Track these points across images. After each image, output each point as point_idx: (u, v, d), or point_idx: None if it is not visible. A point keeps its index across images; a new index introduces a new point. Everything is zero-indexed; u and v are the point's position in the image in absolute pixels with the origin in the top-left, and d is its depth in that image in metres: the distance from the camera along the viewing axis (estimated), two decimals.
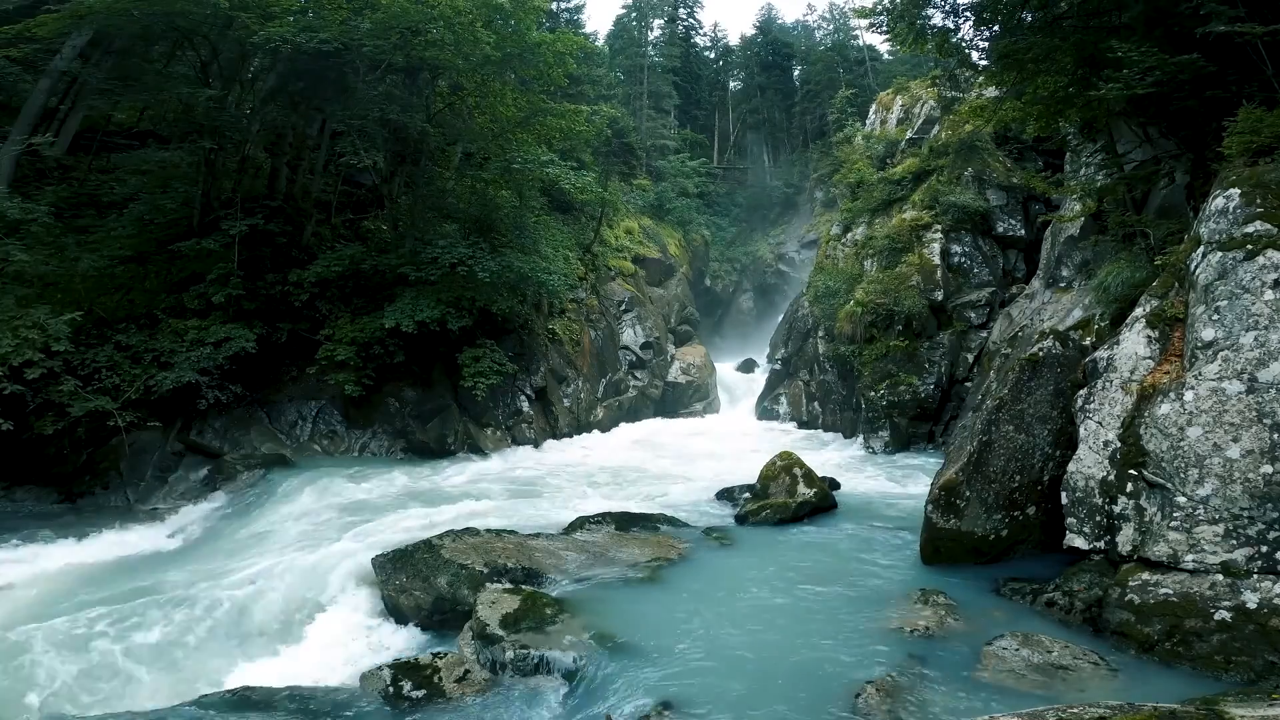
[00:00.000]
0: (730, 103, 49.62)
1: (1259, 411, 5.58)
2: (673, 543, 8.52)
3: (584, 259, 21.67)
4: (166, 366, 12.26)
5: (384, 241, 15.94)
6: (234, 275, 13.44)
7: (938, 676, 5.21)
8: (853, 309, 17.44)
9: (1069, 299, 13.13)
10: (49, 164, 14.23)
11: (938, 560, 7.45)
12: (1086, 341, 8.19)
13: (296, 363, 14.34)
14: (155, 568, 8.85)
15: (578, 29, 35.97)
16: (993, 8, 10.52)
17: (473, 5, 14.28)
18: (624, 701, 5.05)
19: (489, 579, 7.08)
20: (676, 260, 29.92)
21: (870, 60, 42.04)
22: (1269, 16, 7.07)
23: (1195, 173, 9.10)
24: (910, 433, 16.01)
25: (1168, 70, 7.64)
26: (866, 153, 23.13)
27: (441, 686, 5.56)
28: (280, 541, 9.28)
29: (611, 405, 21.05)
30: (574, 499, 11.35)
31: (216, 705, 5.46)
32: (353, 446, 14.34)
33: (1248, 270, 5.91)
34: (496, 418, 16.15)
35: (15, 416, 10.51)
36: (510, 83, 16.76)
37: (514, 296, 16.11)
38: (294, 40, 12.95)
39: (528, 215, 17.58)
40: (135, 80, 13.73)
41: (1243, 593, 5.31)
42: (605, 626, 6.10)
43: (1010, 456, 7.42)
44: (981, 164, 18.09)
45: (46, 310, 10.96)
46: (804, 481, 10.19)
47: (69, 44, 12.89)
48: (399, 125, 15.55)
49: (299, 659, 6.64)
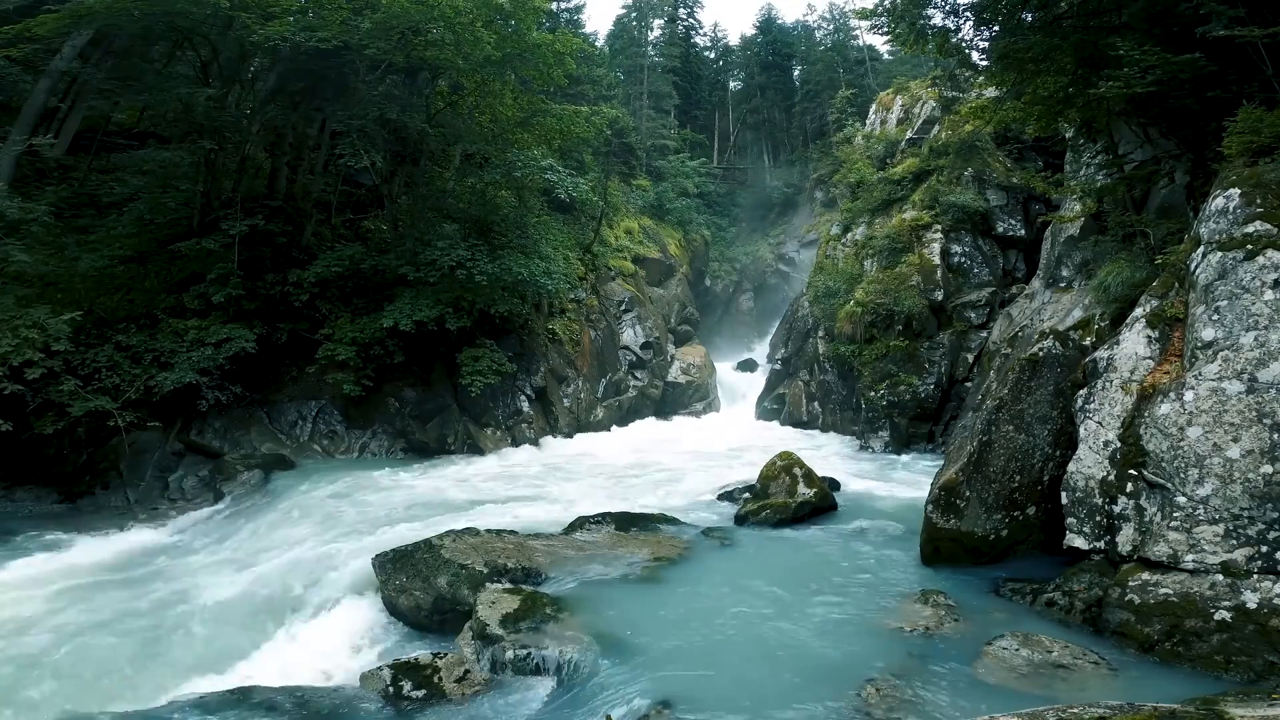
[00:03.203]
0: (730, 103, 49.60)
1: (1259, 411, 5.58)
2: (673, 542, 8.52)
3: (584, 259, 21.67)
4: (166, 366, 12.26)
5: (384, 242, 15.94)
6: (234, 275, 13.44)
7: (938, 676, 5.20)
8: (853, 309, 17.44)
9: (1069, 299, 13.12)
10: (49, 164, 14.24)
11: (938, 560, 7.45)
12: (1086, 341, 8.19)
13: (296, 363, 14.34)
14: (155, 567, 8.86)
15: (578, 29, 35.97)
16: (993, 8, 10.52)
17: (473, 5, 14.28)
18: (624, 701, 5.05)
19: (489, 579, 7.07)
20: (676, 260, 29.92)
21: (870, 60, 42.03)
22: (1269, 18, 7.07)
23: (1195, 173, 9.10)
24: (910, 433, 16.01)
25: (1168, 69, 7.64)
26: (866, 153, 23.12)
27: (441, 686, 5.56)
28: (280, 541, 9.28)
29: (611, 405, 21.04)
30: (574, 499, 11.35)
31: (216, 705, 5.45)
32: (353, 446, 14.34)
33: (1248, 270, 5.91)
34: (496, 418, 16.15)
35: (15, 416, 10.52)
36: (510, 83, 16.76)
37: (513, 297, 16.11)
38: (294, 40, 12.95)
39: (528, 215, 17.58)
40: (135, 80, 13.74)
41: (1243, 593, 5.31)
42: (605, 626, 6.10)
43: (1010, 456, 7.42)
44: (981, 164, 18.09)
45: (46, 310, 10.97)
46: (804, 481, 10.19)
47: (69, 44, 12.89)
48: (399, 125, 15.56)
49: (299, 658, 6.63)
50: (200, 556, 9.20)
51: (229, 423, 13.36)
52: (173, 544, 10.08)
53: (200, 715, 5.32)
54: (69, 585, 8.19)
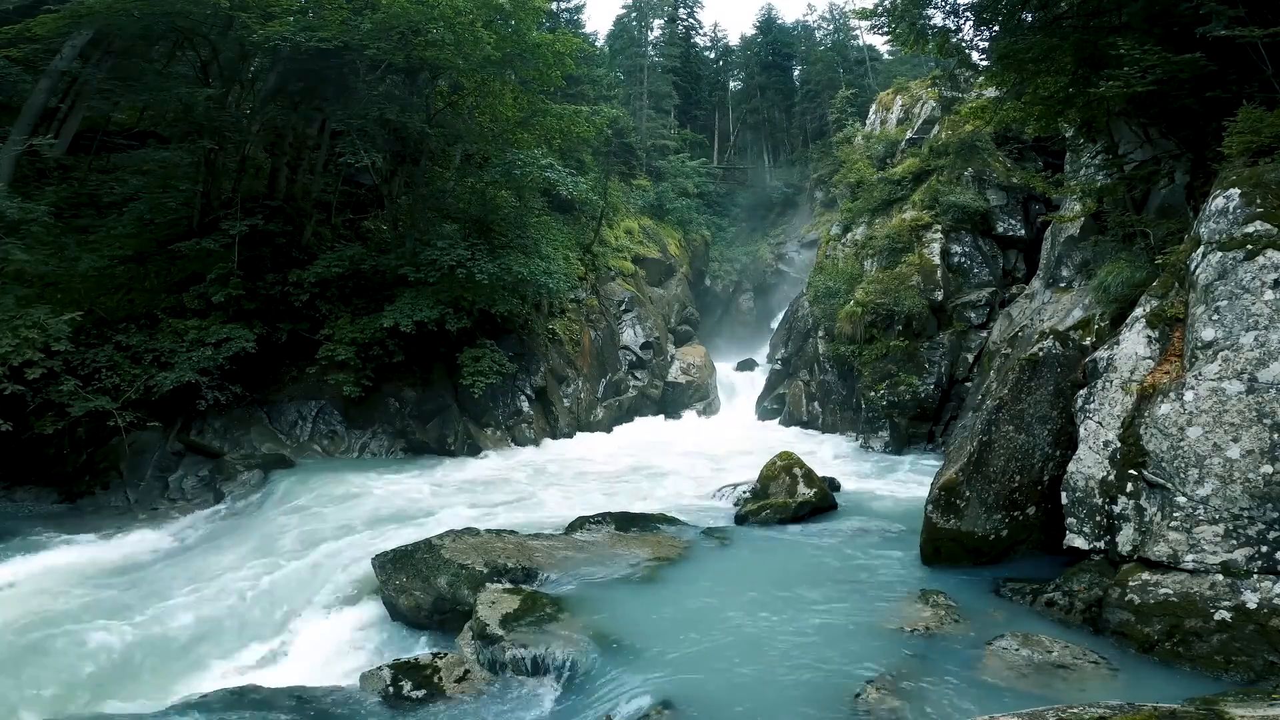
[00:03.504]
0: (730, 103, 49.60)
1: (1259, 411, 5.58)
2: (673, 542, 8.52)
3: (584, 259, 21.67)
4: (166, 366, 12.26)
5: (384, 241, 15.94)
6: (234, 275, 13.45)
7: (938, 676, 5.20)
8: (853, 309, 17.44)
9: (1069, 299, 13.12)
10: (49, 164, 14.23)
11: (938, 560, 7.45)
12: (1086, 341, 8.19)
13: (296, 363, 14.34)
14: (155, 567, 8.87)
15: (578, 29, 35.95)
16: (993, 8, 10.52)
17: (473, 5, 14.28)
18: (624, 701, 5.04)
19: (489, 579, 7.07)
20: (676, 260, 29.93)
21: (870, 60, 42.02)
22: (1269, 18, 7.07)
23: (1195, 173, 9.09)
24: (910, 433, 16.02)
25: (1168, 69, 7.64)
26: (866, 153, 23.12)
27: (441, 686, 5.56)
28: (280, 541, 9.28)
29: (611, 405, 21.05)
30: (574, 499, 11.35)
31: (217, 705, 5.45)
32: (353, 446, 14.34)
33: (1248, 270, 5.91)
34: (496, 418, 16.15)
35: (15, 416, 10.52)
36: (510, 83, 16.76)
37: (513, 297, 16.12)
38: (294, 40, 12.95)
39: (528, 215, 17.58)
40: (135, 80, 13.73)
41: (1243, 593, 5.31)
42: (605, 626, 6.10)
43: (1010, 456, 7.42)
44: (981, 164, 18.09)
45: (46, 310, 10.96)
46: (804, 481, 10.19)
47: (69, 44, 12.88)
48: (399, 125, 15.55)
49: (299, 658, 6.64)
50: (200, 556, 9.20)
51: (229, 423, 13.36)
52: (173, 544, 10.09)
53: (200, 715, 5.32)
54: (69, 585, 8.20)
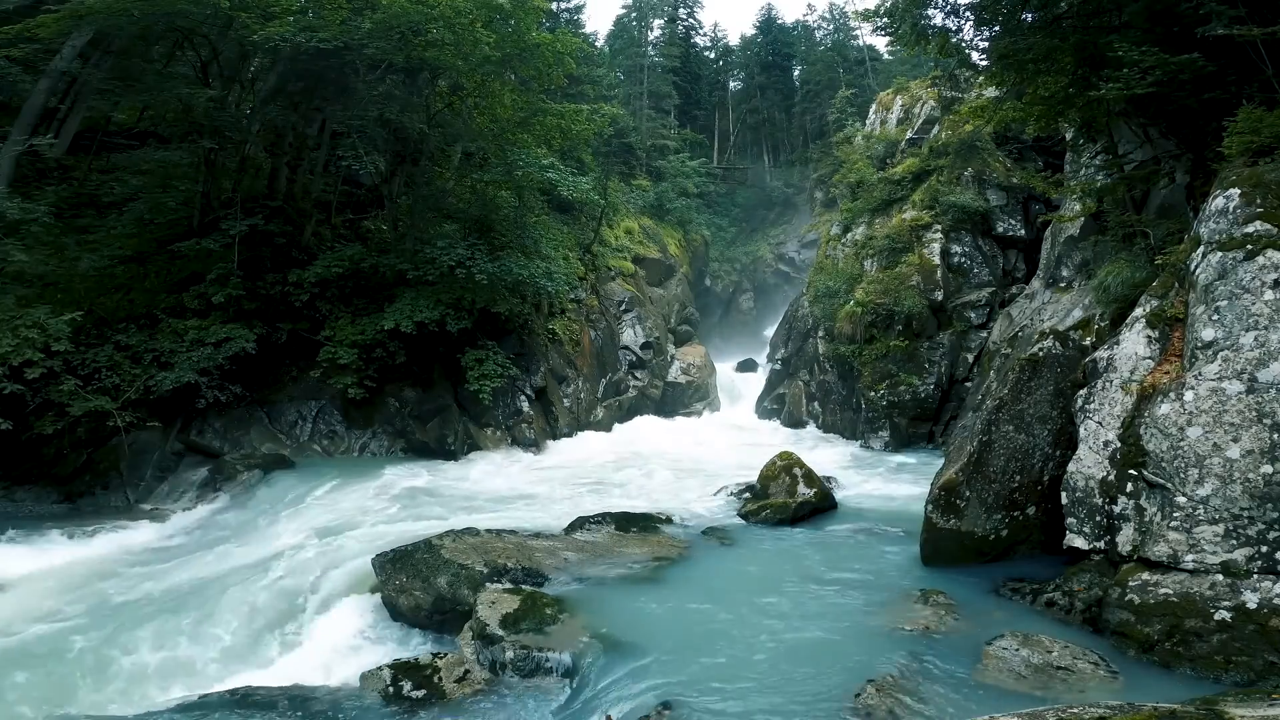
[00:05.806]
0: (730, 103, 49.62)
1: (1259, 411, 5.58)
2: (673, 542, 8.52)
3: (584, 259, 21.66)
4: (166, 366, 12.26)
5: (384, 242, 15.94)
6: (234, 275, 13.44)
7: (937, 676, 5.20)
8: (853, 309, 17.44)
9: (1069, 299, 13.12)
10: (49, 164, 14.22)
11: (938, 560, 7.45)
12: (1086, 341, 8.19)
13: (296, 363, 14.34)
14: (155, 568, 8.86)
15: (578, 29, 35.93)
16: (993, 8, 10.51)
17: (473, 5, 14.27)
18: (624, 701, 5.05)
19: (489, 579, 7.07)
20: (676, 260, 29.92)
21: (870, 60, 42.05)
22: (1269, 17, 7.07)
23: (1195, 173, 9.09)
24: (910, 433, 16.02)
25: (1168, 70, 7.63)
26: (866, 153, 23.09)
27: (441, 686, 5.56)
28: (280, 541, 9.28)
29: (611, 405, 21.04)
30: (574, 499, 11.35)
31: (216, 705, 5.46)
32: (353, 447, 14.34)
33: (1248, 270, 5.91)
34: (496, 418, 16.15)
35: (15, 416, 10.51)
36: (510, 83, 16.75)
37: (514, 297, 16.12)
38: (294, 40, 12.94)
39: (528, 215, 17.58)
40: (135, 80, 13.72)
41: (1243, 593, 5.31)
42: (605, 626, 6.10)
43: (1010, 456, 7.43)
44: (981, 164, 18.09)
45: (46, 310, 10.96)
46: (804, 481, 10.19)
47: (69, 44, 12.87)
48: (399, 125, 15.55)
49: (299, 658, 6.64)
50: (200, 556, 9.19)
51: (229, 423, 13.36)
52: (172, 544, 10.08)
53: (200, 715, 5.33)
54: (69, 585, 8.19)
